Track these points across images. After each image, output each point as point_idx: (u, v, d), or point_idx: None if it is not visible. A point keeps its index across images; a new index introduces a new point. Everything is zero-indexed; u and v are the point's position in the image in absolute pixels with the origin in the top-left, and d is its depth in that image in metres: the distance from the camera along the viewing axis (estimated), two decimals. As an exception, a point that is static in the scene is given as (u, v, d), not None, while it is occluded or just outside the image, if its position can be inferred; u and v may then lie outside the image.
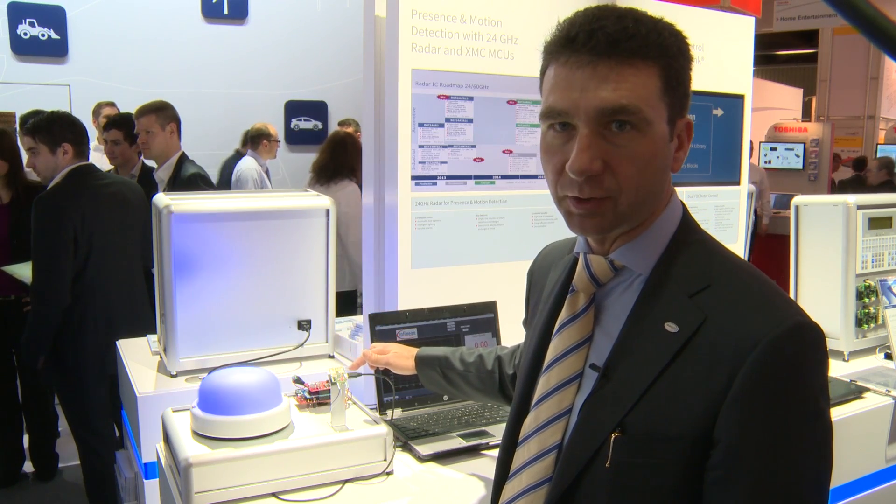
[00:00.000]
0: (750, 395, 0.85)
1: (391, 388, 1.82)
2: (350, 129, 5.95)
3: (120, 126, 3.95)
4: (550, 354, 1.05)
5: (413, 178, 2.09)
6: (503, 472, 1.10)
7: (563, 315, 1.05)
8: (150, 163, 4.02)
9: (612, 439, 0.92)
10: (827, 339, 0.90)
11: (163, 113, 3.69)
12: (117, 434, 3.35)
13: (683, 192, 1.06)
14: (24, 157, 4.04)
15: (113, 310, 3.05)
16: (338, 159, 4.31)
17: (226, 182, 5.65)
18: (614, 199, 0.93)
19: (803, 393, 0.86)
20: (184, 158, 3.72)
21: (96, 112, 5.34)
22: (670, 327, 0.92)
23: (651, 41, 0.90)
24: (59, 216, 2.89)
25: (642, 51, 0.90)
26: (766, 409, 0.85)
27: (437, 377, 1.61)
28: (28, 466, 3.86)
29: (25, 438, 3.84)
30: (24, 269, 3.29)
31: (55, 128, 3.00)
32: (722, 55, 2.67)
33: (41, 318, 2.93)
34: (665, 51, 0.92)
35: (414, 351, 1.66)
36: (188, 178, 3.57)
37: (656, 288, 0.96)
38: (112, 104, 5.34)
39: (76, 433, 3.16)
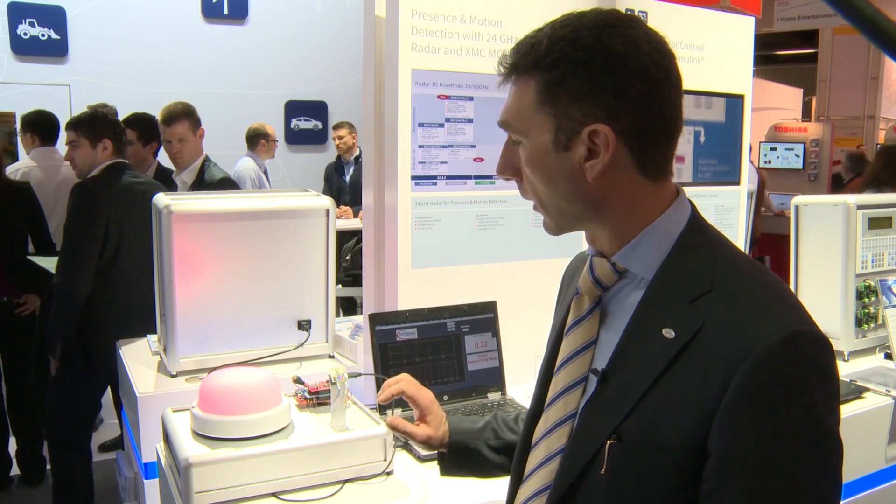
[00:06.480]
0: (740, 408, 0.82)
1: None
2: (344, 132, 5.97)
3: (134, 126, 3.83)
4: (559, 357, 1.04)
5: (413, 178, 2.09)
6: (518, 475, 1.09)
7: (570, 318, 1.04)
8: (165, 162, 3.97)
9: (608, 446, 0.90)
10: (833, 348, 0.86)
11: (193, 117, 3.57)
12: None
13: (683, 192, 1.05)
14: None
15: (133, 305, 3.05)
16: None
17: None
18: (543, 205, 0.99)
19: (799, 407, 0.82)
20: (207, 161, 3.61)
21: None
22: (667, 333, 0.89)
23: (525, 54, 0.94)
24: (94, 203, 2.95)
25: (519, 67, 0.95)
26: (757, 423, 0.82)
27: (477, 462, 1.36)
28: (16, 470, 3.80)
29: (11, 442, 3.78)
30: (49, 262, 3.27)
31: (98, 124, 3.10)
32: (722, 55, 2.67)
33: (63, 302, 2.93)
34: (539, 62, 0.92)
35: (440, 416, 1.36)
36: (217, 184, 3.47)
37: (658, 292, 0.94)
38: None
39: (68, 437, 3.09)
